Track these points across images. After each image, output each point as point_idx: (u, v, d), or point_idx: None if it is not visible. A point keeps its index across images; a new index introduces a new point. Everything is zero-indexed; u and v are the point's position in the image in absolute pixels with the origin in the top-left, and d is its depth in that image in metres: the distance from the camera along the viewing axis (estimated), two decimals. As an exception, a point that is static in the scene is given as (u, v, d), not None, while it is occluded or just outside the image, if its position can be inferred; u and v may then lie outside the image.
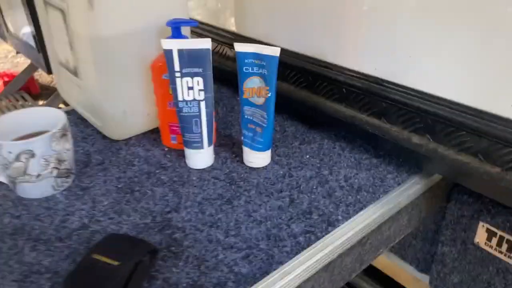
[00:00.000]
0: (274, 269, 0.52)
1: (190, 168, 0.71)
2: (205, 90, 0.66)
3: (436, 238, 0.80)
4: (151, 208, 0.63)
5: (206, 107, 0.67)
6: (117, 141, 0.78)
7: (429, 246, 0.82)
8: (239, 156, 0.74)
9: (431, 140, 0.65)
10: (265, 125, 0.67)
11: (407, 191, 0.65)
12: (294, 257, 0.54)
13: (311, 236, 0.57)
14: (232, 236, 0.57)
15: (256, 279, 0.51)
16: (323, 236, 0.57)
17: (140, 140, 0.79)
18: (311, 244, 0.56)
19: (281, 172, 0.70)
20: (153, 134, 0.81)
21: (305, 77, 0.80)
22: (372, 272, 0.88)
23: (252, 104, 0.68)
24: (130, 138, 0.79)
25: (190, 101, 0.66)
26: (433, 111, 0.63)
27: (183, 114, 0.67)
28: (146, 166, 0.72)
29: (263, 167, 0.71)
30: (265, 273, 0.52)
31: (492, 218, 0.68)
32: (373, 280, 0.86)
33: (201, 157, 0.70)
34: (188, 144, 0.69)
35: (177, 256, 0.55)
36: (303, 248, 0.55)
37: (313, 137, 0.79)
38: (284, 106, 0.86)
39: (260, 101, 0.67)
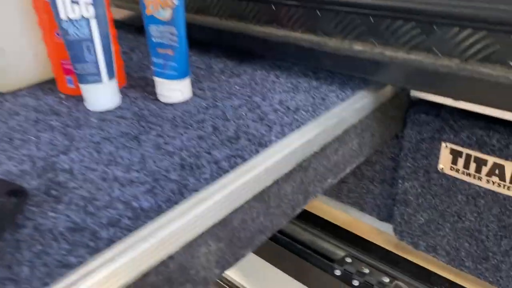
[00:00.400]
0: (186, 198, 0.39)
1: (90, 111, 0.57)
2: (94, 3, 0.52)
3: (395, 176, 0.70)
4: (33, 154, 0.48)
5: (99, 26, 0.53)
6: (3, 94, 0.63)
7: (389, 188, 0.71)
8: (154, 95, 0.60)
9: (376, 44, 0.54)
10: (176, 45, 0.55)
11: (352, 105, 0.53)
12: (213, 182, 0.41)
13: (236, 160, 0.44)
14: (134, 171, 0.44)
15: (160, 211, 0.38)
16: (252, 157, 0.45)
17: (33, 91, 0.64)
18: (236, 167, 0.43)
19: (204, 104, 0.57)
20: (50, 84, 0.66)
21: (227, 3, 0.68)
22: (330, 229, 0.77)
23: (158, 21, 0.55)
24: (20, 90, 0.64)
25: (77, 19, 0.52)
26: (374, 3, 0.52)
27: (70, 38, 0.53)
28: (34, 114, 0.57)
29: (182, 102, 0.58)
30: (174, 203, 0.39)
31: (455, 135, 0.58)
32: (332, 237, 0.74)
33: (101, 94, 0.56)
34: (82, 78, 0.55)
35: (58, 200, 0.41)
36: (226, 172, 0.42)
37: (243, 70, 0.66)
38: (209, 43, 0.74)
39: (167, 15, 0.54)
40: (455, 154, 0.59)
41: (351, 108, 0.53)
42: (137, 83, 0.65)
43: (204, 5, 0.71)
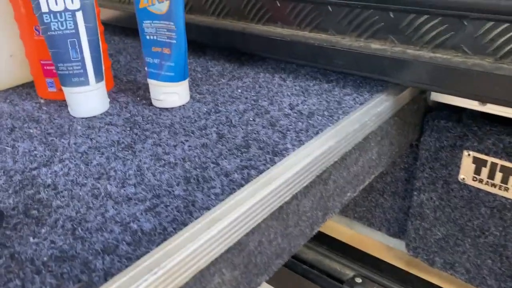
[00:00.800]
0: (196, 218, 0.33)
1: (75, 118, 0.50)
2: (81, -6, 0.46)
3: (408, 188, 0.65)
4: (8, 167, 0.41)
5: (86, 20, 0.47)
6: (-27, 99, 0.56)
7: (401, 201, 0.66)
8: (147, 99, 0.54)
9: (396, 41, 0.49)
10: (174, 42, 0.48)
11: (373, 109, 0.48)
12: (226, 198, 0.35)
13: (250, 171, 0.38)
14: (130, 185, 0.37)
15: (166, 235, 0.31)
16: (268, 168, 0.38)
17: (8, 96, 0.57)
18: (251, 180, 0.37)
19: (205, 109, 0.50)
20: (28, 89, 0.59)
21: (224, 0, 0.62)
22: (336, 246, 0.71)
23: (153, 16, 0.48)
24: (-8, 95, 0.57)
25: (60, 12, 0.46)
26: (395, -3, 0.47)
27: (52, 33, 0.46)
28: (10, 122, 0.50)
29: (179, 106, 0.52)
30: (182, 224, 0.32)
31: (479, 142, 0.53)
32: (339, 256, 0.69)
33: (87, 98, 0.50)
34: (66, 79, 0.49)
35: (39, 221, 0.34)
36: (240, 186, 0.36)
37: (245, 72, 0.60)
38: (206, 44, 0.68)
39: (163, 7, 0.48)
40: (479, 163, 0.54)
41: (371, 112, 0.47)
42: (126, 86, 0.58)
43: (198, 3, 0.65)
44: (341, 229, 0.76)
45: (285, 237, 0.40)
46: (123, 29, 0.81)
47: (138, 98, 0.54)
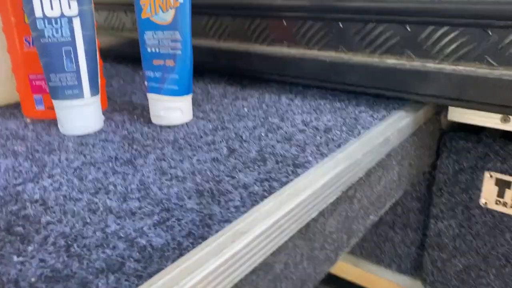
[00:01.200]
0: (217, 231, 0.28)
1: (66, 136, 0.45)
2: (79, -1, 0.42)
3: (420, 219, 0.60)
4: (-12, 183, 0.35)
5: (84, 28, 0.43)
6: (-51, 119, 0.50)
7: (413, 233, 0.62)
8: (145, 118, 0.49)
9: (414, 56, 0.47)
10: (179, 53, 0.45)
11: (394, 124, 0.44)
12: (249, 210, 0.30)
13: (271, 183, 0.34)
14: (134, 200, 0.32)
15: (182, 250, 0.26)
16: (291, 180, 0.34)
17: (-12, 116, 0.52)
18: (274, 192, 0.32)
19: (211, 126, 0.46)
20: (12, 109, 0.54)
21: (225, 22, 0.60)
22: (343, 286, 0.65)
23: (156, 26, 0.45)
24: (-28, 116, 0.52)
25: (56, 17, 0.42)
26: (408, 7, 0.45)
27: (46, 41, 0.42)
28: (-10, 140, 0.45)
29: (181, 124, 0.47)
30: (200, 238, 0.27)
31: (502, 162, 0.50)
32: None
33: (80, 114, 0.45)
34: (58, 91, 0.44)
35: (25, 238, 0.28)
36: (264, 197, 0.32)
37: (248, 93, 0.57)
38: (205, 69, 0.64)
39: (168, 17, 0.44)
40: (502, 185, 0.50)
41: (392, 127, 0.44)
42: (122, 107, 0.54)
43: (197, 26, 0.63)
44: (347, 268, 0.71)
45: (311, 261, 0.35)
46: (115, 55, 0.78)
47: (135, 117, 0.50)
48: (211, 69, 0.65)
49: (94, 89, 0.45)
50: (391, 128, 0.44)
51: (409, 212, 0.62)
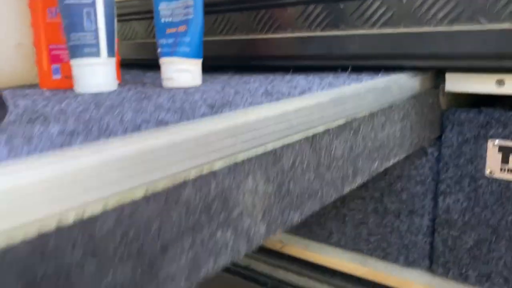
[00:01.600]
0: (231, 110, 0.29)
1: (81, 93, 0.47)
2: (101, -35, 0.47)
3: (426, 204, 0.60)
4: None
5: (104, -9, 0.47)
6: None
7: (419, 219, 0.61)
8: (156, 86, 0.52)
9: (410, 24, 0.50)
10: (191, 17, 0.48)
11: (396, 79, 0.47)
12: (265, 103, 0.31)
13: (279, 96, 0.35)
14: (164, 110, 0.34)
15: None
16: (293, 96, 0.36)
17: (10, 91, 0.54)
18: (282, 99, 0.34)
19: (219, 87, 0.48)
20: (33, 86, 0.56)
21: (230, 17, 0.64)
22: (351, 280, 0.63)
23: (171, -3, 0.49)
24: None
25: (80, -19, 0.46)
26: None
27: (69, 2, 0.46)
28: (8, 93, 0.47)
29: (191, 87, 0.50)
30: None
31: (504, 127, 0.51)
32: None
33: (97, 72, 0.47)
34: (77, 50, 0.47)
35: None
36: (277, 99, 0.33)
37: (252, 77, 0.60)
38: (211, 64, 0.68)
39: (182, -14, 0.48)
40: (506, 151, 0.51)
41: (394, 81, 0.46)
42: (133, 83, 0.56)
43: (206, 24, 0.67)
44: (356, 266, 0.69)
45: (317, 177, 0.35)
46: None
47: (147, 84, 0.52)
48: (219, 63, 0.68)
49: (110, 51, 0.48)
50: (392, 81, 0.46)
51: (414, 198, 0.62)
